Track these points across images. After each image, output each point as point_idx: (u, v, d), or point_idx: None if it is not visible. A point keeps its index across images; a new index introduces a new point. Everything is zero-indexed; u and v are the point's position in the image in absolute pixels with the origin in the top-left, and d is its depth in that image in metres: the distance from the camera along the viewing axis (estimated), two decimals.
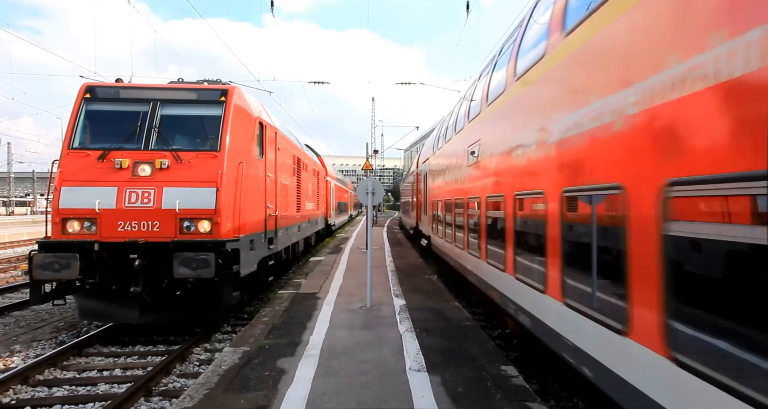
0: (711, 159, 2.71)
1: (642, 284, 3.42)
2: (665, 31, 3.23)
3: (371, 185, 9.33)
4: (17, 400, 6.02)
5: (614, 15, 3.97)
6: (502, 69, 7.53)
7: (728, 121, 2.62)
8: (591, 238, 4.26)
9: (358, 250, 19.27)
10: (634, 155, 3.56)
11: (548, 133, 5.30)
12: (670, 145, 3.12)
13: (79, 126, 8.60)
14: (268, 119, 10.88)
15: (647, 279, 3.34)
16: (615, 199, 3.84)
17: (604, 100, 4.04)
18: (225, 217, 8.17)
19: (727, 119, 2.62)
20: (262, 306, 9.56)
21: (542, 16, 5.97)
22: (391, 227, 39.44)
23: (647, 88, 3.38)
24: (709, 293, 2.81)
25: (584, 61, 4.55)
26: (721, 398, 2.56)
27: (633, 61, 3.63)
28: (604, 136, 4.04)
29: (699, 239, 2.87)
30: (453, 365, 5.74)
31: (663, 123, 3.20)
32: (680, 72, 3.01)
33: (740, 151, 2.49)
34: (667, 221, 3.11)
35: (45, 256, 7.49)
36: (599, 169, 4.14)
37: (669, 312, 3.10)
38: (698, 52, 2.84)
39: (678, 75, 3.03)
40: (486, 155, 8.35)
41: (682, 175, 2.96)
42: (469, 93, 10.87)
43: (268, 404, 4.70)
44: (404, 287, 10.96)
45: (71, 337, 8.58)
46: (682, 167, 2.96)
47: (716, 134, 2.70)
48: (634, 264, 3.53)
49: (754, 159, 2.37)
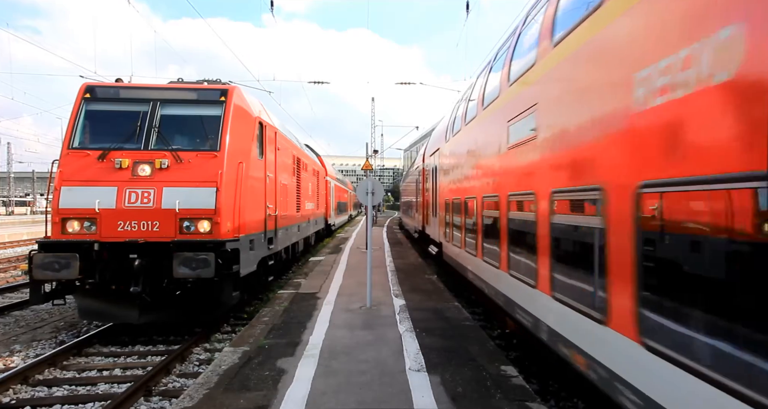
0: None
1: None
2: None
3: (371, 185, 9.33)
4: (17, 400, 6.02)
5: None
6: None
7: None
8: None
9: (358, 250, 19.27)
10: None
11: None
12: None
13: (79, 126, 8.60)
14: (268, 119, 10.88)
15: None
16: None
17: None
18: (225, 217, 8.17)
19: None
20: (262, 306, 9.56)
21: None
22: (390, 227, 39.43)
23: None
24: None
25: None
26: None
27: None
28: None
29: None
30: (453, 365, 5.75)
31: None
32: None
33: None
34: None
35: (45, 256, 7.49)
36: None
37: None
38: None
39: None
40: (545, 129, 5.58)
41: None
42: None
43: (268, 403, 4.71)
44: (404, 287, 10.96)
45: (71, 337, 8.58)
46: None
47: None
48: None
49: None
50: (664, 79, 3.13)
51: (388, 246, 21.17)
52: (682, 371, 2.89)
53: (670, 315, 3.07)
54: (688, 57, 2.89)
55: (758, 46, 2.40)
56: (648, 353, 3.26)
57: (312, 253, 19.28)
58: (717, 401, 2.58)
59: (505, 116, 6.97)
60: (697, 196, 2.87)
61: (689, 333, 2.86)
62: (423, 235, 19.45)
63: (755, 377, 2.34)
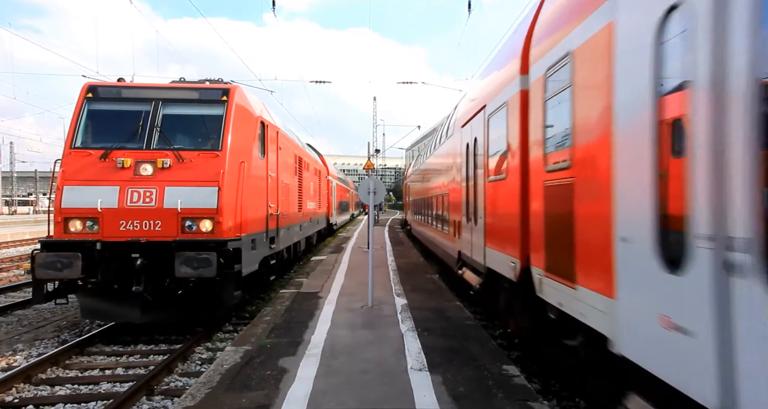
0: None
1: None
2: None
3: (373, 185, 9.32)
4: (20, 399, 6.03)
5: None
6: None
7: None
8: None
9: (360, 249, 19.27)
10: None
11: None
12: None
13: (81, 125, 8.62)
14: (270, 118, 10.89)
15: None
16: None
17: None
18: (226, 216, 8.18)
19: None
20: (264, 305, 9.57)
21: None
22: (392, 226, 39.43)
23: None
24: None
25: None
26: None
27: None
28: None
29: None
30: (454, 365, 5.74)
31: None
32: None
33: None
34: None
35: (47, 255, 7.51)
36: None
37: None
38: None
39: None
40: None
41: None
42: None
43: (270, 403, 4.71)
44: (405, 287, 10.96)
45: (73, 336, 8.60)
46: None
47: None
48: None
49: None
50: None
51: (389, 245, 21.17)
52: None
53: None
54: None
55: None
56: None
57: (314, 252, 19.29)
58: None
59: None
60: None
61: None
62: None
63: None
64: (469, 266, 9.34)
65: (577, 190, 4.21)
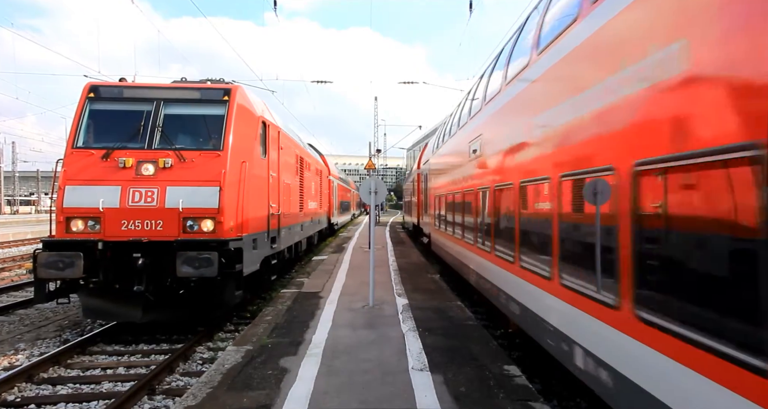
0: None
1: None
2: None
3: (374, 184, 9.32)
4: (22, 398, 6.05)
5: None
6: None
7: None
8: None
9: (361, 249, 19.28)
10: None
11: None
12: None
13: (82, 125, 8.63)
14: (271, 118, 10.89)
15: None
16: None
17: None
18: (228, 216, 8.18)
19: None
20: (265, 305, 9.58)
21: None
22: (393, 226, 39.43)
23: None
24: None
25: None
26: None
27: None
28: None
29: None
30: (456, 365, 5.74)
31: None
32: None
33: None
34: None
35: (49, 255, 7.52)
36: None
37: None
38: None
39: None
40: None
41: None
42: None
43: (271, 403, 4.72)
44: (407, 286, 10.96)
45: (75, 335, 8.62)
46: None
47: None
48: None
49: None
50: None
51: (390, 245, 21.17)
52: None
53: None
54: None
55: None
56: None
57: (315, 252, 19.30)
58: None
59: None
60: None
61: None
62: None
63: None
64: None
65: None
